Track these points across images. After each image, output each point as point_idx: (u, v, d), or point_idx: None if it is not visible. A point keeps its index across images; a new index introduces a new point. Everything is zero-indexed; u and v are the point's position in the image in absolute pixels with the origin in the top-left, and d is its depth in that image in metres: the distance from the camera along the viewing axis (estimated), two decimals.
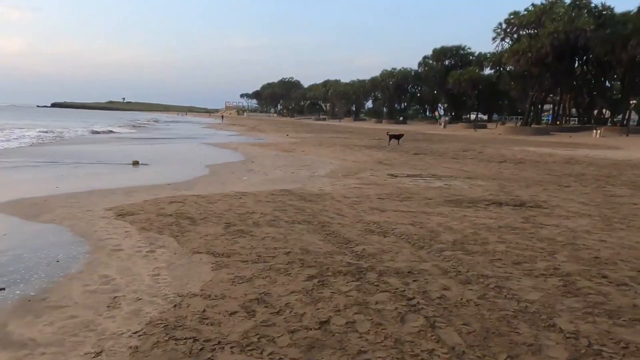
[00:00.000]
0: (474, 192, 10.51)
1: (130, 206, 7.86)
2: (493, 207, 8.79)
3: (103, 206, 7.88)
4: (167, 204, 8.10)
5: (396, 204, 8.76)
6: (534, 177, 13.67)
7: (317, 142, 27.70)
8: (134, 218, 6.95)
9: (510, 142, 31.79)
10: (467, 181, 12.44)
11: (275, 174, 13.35)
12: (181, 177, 12.38)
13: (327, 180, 11.99)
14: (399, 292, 4.12)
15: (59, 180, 11.37)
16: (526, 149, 23.79)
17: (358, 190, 10.53)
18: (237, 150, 21.09)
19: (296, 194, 9.63)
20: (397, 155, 19.64)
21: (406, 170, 14.59)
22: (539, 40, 45.50)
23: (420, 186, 11.33)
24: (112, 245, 5.59)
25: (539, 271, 4.90)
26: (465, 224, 7.16)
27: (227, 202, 8.50)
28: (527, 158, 19.14)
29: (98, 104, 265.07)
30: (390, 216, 7.60)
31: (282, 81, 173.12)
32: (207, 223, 6.68)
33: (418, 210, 8.23)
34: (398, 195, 9.79)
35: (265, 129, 49.65)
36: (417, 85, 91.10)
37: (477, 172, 14.76)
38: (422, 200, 9.34)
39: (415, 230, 6.65)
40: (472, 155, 19.96)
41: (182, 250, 5.38)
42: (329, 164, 16.04)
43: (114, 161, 15.73)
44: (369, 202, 8.87)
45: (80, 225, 6.57)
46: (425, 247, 5.73)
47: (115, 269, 4.80)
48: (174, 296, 4.07)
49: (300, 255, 5.18)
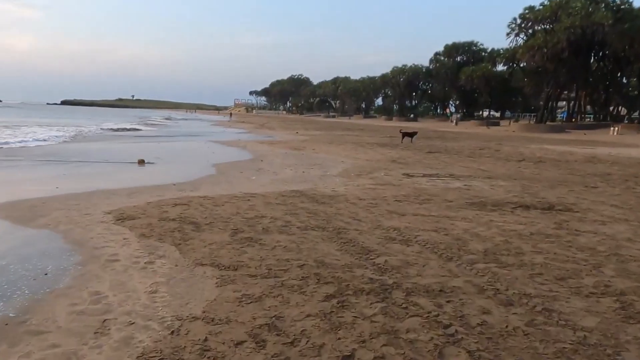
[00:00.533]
0: (496, 194, 9.89)
1: (132, 209, 7.35)
2: (520, 210, 8.17)
3: (103, 209, 7.38)
4: (170, 207, 7.58)
5: (415, 207, 8.17)
6: (556, 177, 12.99)
7: (328, 140, 27.11)
8: (134, 223, 6.44)
9: (526, 139, 30.95)
10: (487, 181, 11.80)
11: (285, 173, 12.81)
12: (187, 176, 11.87)
13: (339, 180, 11.42)
14: (432, 317, 3.54)
15: (61, 179, 10.92)
16: (544, 147, 23.01)
17: (373, 191, 9.95)
18: (245, 148, 20.58)
19: (308, 196, 9.08)
20: (410, 153, 19.00)
21: (421, 170, 13.97)
22: (554, 35, 44.39)
23: (438, 187, 10.71)
24: (107, 255, 5.07)
25: (587, 289, 4.29)
26: (493, 231, 6.55)
27: (235, 204, 7.96)
28: (547, 157, 18.40)
29: (107, 102, 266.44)
30: (411, 221, 7.01)
31: (292, 78, 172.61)
32: (212, 229, 6.15)
33: (440, 214, 7.64)
34: (416, 197, 9.19)
35: (275, 127, 49.14)
36: (428, 82, 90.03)
37: (496, 171, 14.10)
38: (443, 202, 8.73)
39: (439, 237, 6.06)
40: (489, 154, 19.25)
41: (184, 262, 4.85)
42: (340, 163, 15.46)
43: (120, 160, 15.28)
44: (386, 205, 8.29)
45: (76, 231, 6.07)
46: (454, 258, 5.15)
47: (109, 284, 4.27)
48: (172, 319, 3.53)
49: (316, 268, 4.62)
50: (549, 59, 45.03)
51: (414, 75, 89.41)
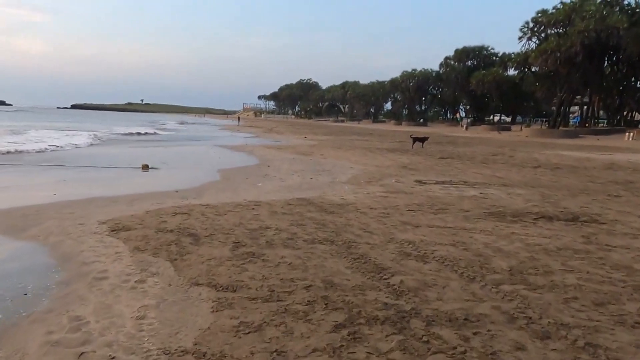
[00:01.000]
0: (514, 203, 9.35)
1: (129, 219, 6.94)
2: (542, 221, 7.64)
3: (98, 218, 6.97)
4: (170, 216, 7.16)
5: (430, 218, 7.67)
6: (576, 185, 12.40)
7: (336, 145, 26.64)
8: (129, 234, 6.01)
9: (539, 145, 30.25)
10: (503, 189, 11.26)
11: (293, 179, 12.36)
12: (191, 182, 11.47)
13: (348, 188, 10.94)
14: (458, 355, 3.05)
15: (61, 185, 10.58)
16: (559, 152, 22.34)
17: (384, 199, 9.46)
18: (252, 153, 20.17)
19: (315, 204, 8.61)
20: (422, 159, 18.46)
21: (434, 177, 13.45)
22: (568, 39, 43.59)
23: (452, 195, 10.20)
24: (96, 272, 4.64)
25: (632, 317, 3.77)
26: (516, 245, 6.04)
27: (238, 213, 7.52)
28: (563, 163, 17.77)
29: (117, 106, 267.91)
30: (426, 234, 6.52)
31: (300, 82, 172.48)
32: (212, 242, 5.70)
33: (456, 225, 7.13)
34: (430, 207, 8.69)
35: (283, 131, 48.78)
36: (438, 87, 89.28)
37: (512, 178, 13.53)
38: (459, 212, 8.22)
39: (459, 253, 5.56)
40: (503, 160, 18.66)
41: (179, 281, 4.40)
42: (349, 169, 14.99)
43: (125, 165, 14.93)
44: (399, 215, 7.79)
45: (67, 243, 5.66)
46: (477, 278, 4.65)
47: (93, 307, 3.83)
48: (159, 353, 3.08)
49: (324, 290, 4.15)
50: (562, 63, 44.21)
51: (423, 80, 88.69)
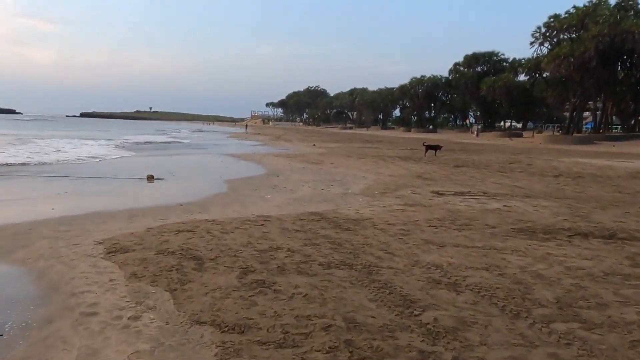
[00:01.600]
0: (542, 217, 8.69)
1: (128, 237, 6.39)
2: (578, 239, 6.98)
3: (95, 237, 6.43)
4: (172, 235, 6.60)
5: (454, 235, 7.04)
6: (604, 196, 11.70)
7: (346, 153, 26.07)
8: (126, 257, 5.46)
9: (555, 152, 29.45)
10: (527, 201, 10.59)
11: (303, 190, 11.79)
12: (197, 194, 10.94)
13: (363, 200, 10.35)
14: None
15: (61, 198, 10.09)
16: (578, 160, 21.57)
17: (402, 213, 8.85)
18: (260, 162, 19.64)
19: (329, 219, 8.03)
20: (436, 168, 17.82)
21: (451, 187, 12.81)
22: (581, 44, 42.77)
23: (474, 208, 9.56)
24: (85, 306, 4.08)
25: None
26: (556, 269, 5.40)
27: (246, 231, 6.95)
28: (585, 172, 17.03)
29: (125, 114, 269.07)
30: (453, 255, 5.90)
31: (308, 90, 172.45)
32: (217, 267, 5.12)
33: (485, 244, 6.50)
34: (453, 222, 8.06)
35: (291, 139, 48.32)
36: (447, 93, 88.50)
37: (534, 188, 12.86)
38: (484, 228, 7.59)
39: (494, 280, 4.93)
40: (521, 168, 17.95)
41: (178, 318, 3.82)
42: (362, 179, 14.39)
43: (130, 175, 14.45)
44: (420, 232, 7.18)
45: (57, 268, 5.11)
46: (522, 313, 4.02)
47: (77, 353, 3.27)
48: None
49: (346, 332, 3.54)
50: (575, 68, 43.36)
51: (432, 86, 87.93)
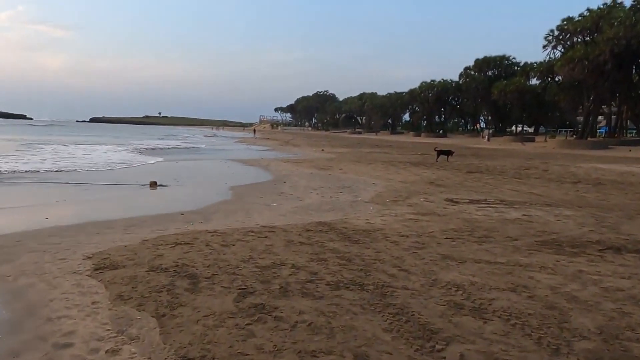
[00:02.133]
0: (567, 228, 8.10)
1: (120, 251, 5.91)
2: (610, 254, 6.38)
3: (85, 251, 5.96)
4: (168, 248, 6.12)
5: (474, 249, 6.48)
6: (628, 204, 11.04)
7: (356, 158, 25.53)
8: (115, 275, 4.97)
9: (570, 157, 28.65)
10: (548, 210, 9.98)
11: (311, 198, 11.27)
12: (200, 202, 10.48)
13: (373, 209, 9.80)
14: None
15: (57, 207, 9.68)
16: (596, 166, 20.82)
17: (415, 223, 8.30)
18: (267, 168, 19.16)
19: (338, 230, 7.50)
20: (449, 174, 17.21)
21: (466, 194, 12.22)
22: (596, 47, 41.86)
23: (492, 217, 8.97)
24: (60, 335, 3.58)
25: None
26: (592, 290, 4.82)
27: (249, 244, 6.45)
28: (604, 178, 16.32)
29: (135, 119, 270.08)
30: (475, 272, 5.34)
31: (317, 94, 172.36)
32: (213, 287, 4.61)
33: (508, 259, 5.93)
34: (471, 233, 7.49)
35: (300, 144, 47.88)
36: (458, 97, 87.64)
37: (553, 196, 12.22)
38: (506, 241, 7.01)
39: (524, 303, 4.36)
40: (537, 174, 17.29)
41: (163, 352, 3.30)
42: (372, 185, 13.85)
43: (133, 181, 14.04)
44: (436, 245, 6.62)
45: (37, 288, 4.63)
46: (562, 347, 3.45)
47: None
48: None
49: None
50: (589, 71, 42.44)
51: (443, 90, 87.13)
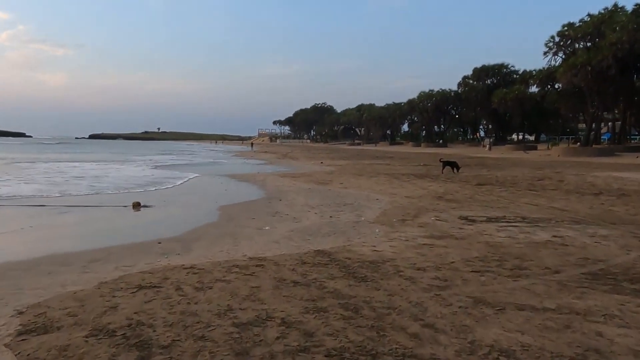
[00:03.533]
0: (611, 253, 6.84)
1: (65, 302, 4.64)
2: None
3: (21, 302, 4.70)
4: (128, 295, 4.85)
5: (509, 287, 5.20)
6: None
7: (356, 171, 24.30)
8: (41, 343, 3.69)
9: (579, 165, 27.42)
10: (579, 229, 8.72)
11: (309, 218, 10.02)
12: (183, 226, 9.25)
13: (379, 231, 8.54)
14: None
15: (17, 235, 8.41)
16: (613, 174, 19.58)
17: (430, 250, 7.04)
18: (263, 183, 17.89)
19: (339, 262, 6.25)
20: (457, 187, 15.95)
21: (480, 211, 10.96)
22: (598, 52, 40.88)
23: (519, 240, 7.71)
24: None
25: None
26: None
27: (230, 285, 5.19)
28: (628, 188, 15.07)
29: (134, 134, 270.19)
30: (521, 326, 4.07)
31: (315, 107, 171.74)
32: None
33: (557, 303, 4.66)
34: (499, 263, 6.23)
35: (298, 156, 46.69)
36: (457, 107, 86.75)
37: (578, 211, 10.96)
38: (545, 274, 5.75)
39: None
40: (553, 185, 16.04)
41: None
42: (375, 201, 12.60)
43: (118, 202, 12.76)
44: (462, 283, 5.36)
45: None
46: None
47: None
48: None
49: None
50: (593, 77, 41.40)
51: (442, 100, 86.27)
